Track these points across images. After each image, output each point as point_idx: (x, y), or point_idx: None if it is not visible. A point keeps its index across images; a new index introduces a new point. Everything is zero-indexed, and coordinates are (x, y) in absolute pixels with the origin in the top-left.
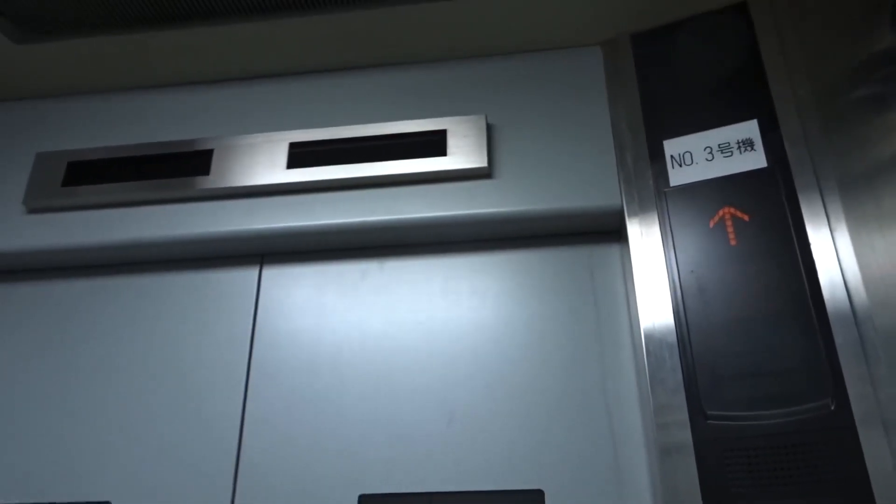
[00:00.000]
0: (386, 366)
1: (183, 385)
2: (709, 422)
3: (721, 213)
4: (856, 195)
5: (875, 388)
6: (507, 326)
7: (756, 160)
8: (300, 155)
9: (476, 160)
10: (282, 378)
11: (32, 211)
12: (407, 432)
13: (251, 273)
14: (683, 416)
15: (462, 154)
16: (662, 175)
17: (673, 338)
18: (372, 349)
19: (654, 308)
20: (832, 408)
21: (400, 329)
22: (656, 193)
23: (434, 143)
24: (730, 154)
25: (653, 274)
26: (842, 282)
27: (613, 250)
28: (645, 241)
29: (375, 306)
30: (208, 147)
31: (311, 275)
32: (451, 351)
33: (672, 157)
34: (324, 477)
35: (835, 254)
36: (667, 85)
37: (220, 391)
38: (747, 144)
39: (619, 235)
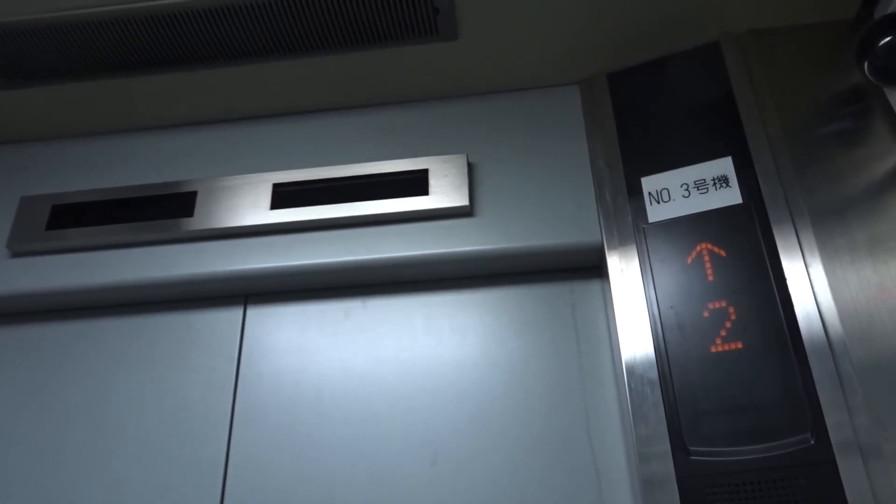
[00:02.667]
0: (368, 404)
1: (167, 427)
2: (691, 457)
3: (698, 248)
4: (828, 229)
5: (852, 420)
6: (490, 364)
7: (731, 196)
8: (283, 195)
9: (457, 199)
10: (266, 418)
11: (16, 255)
12: (390, 473)
13: (235, 314)
14: (666, 450)
15: (443, 193)
16: (641, 211)
17: (654, 373)
18: (355, 388)
19: (635, 343)
20: (812, 442)
21: (382, 368)
22: (635, 229)
23: (416, 183)
24: (706, 190)
25: (633, 309)
26: (818, 315)
27: (594, 286)
28: (625, 276)
29: (358, 345)
30: (192, 189)
31: (294, 314)
32: (434, 389)
33: (650, 193)
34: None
35: (810, 287)
36: (643, 122)
37: (204, 432)
38: (722, 181)
39: (599, 271)
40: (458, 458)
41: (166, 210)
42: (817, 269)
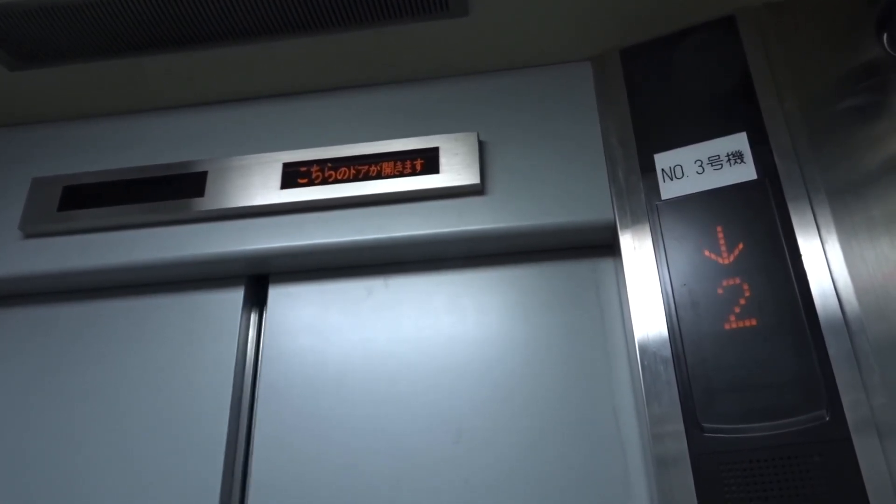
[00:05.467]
0: (391, 383)
1: (174, 406)
2: (705, 434)
3: (712, 225)
4: (845, 205)
5: (869, 398)
6: (510, 341)
7: (746, 172)
8: (294, 175)
9: (468, 177)
10: (289, 397)
11: (29, 236)
12: (414, 450)
13: (236, 295)
14: (679, 428)
15: (454, 171)
16: (654, 189)
17: (667, 351)
18: (377, 367)
19: (649, 322)
20: (827, 419)
21: (404, 346)
22: (648, 207)
23: (427, 161)
24: (720, 167)
25: (646, 287)
26: (833, 292)
27: (607, 264)
28: (638, 254)
29: (380, 324)
30: (202, 169)
31: (316, 293)
32: (455, 367)
33: (663, 170)
34: (333, 497)
35: (826, 264)
36: (656, 99)
37: (207, 411)
38: (737, 157)
39: (612, 249)
40: (481, 436)
41: (177, 190)
42: (833, 246)
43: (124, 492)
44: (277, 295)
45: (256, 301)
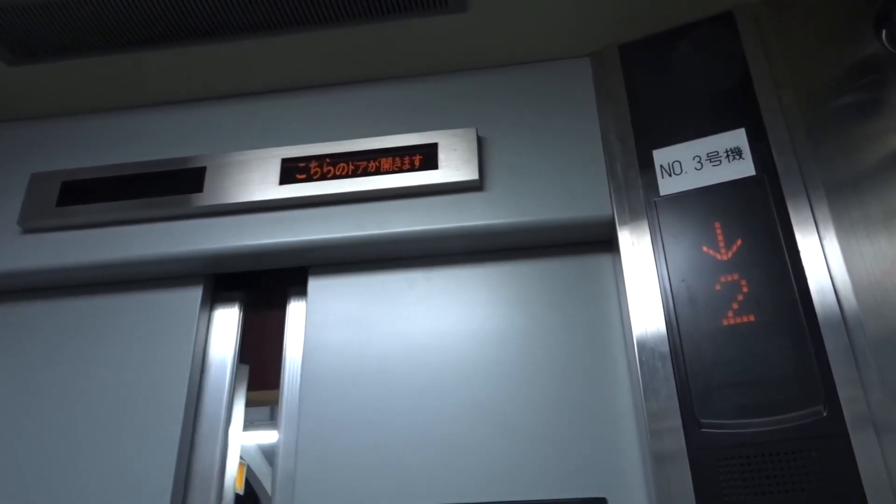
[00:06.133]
0: (432, 375)
1: (129, 401)
2: (702, 430)
3: (711, 221)
4: (843, 202)
5: (866, 394)
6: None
7: (744, 168)
8: (293, 171)
9: (467, 173)
10: (331, 389)
11: (27, 231)
12: (461, 442)
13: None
14: (677, 423)
15: (453, 167)
16: (652, 185)
17: (665, 347)
18: (418, 359)
19: (647, 318)
20: (824, 414)
21: (444, 338)
22: (646, 203)
23: (425, 157)
24: (718, 163)
25: (644, 283)
26: (831, 288)
27: (605, 260)
28: (636, 250)
29: (419, 316)
30: (201, 164)
31: (354, 285)
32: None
33: (661, 166)
34: (380, 490)
35: (824, 261)
36: (655, 94)
37: (162, 405)
38: (735, 153)
39: (610, 245)
40: (520, 429)
41: (176, 186)
42: (831, 242)
43: (78, 485)
44: (317, 287)
45: (219, 300)
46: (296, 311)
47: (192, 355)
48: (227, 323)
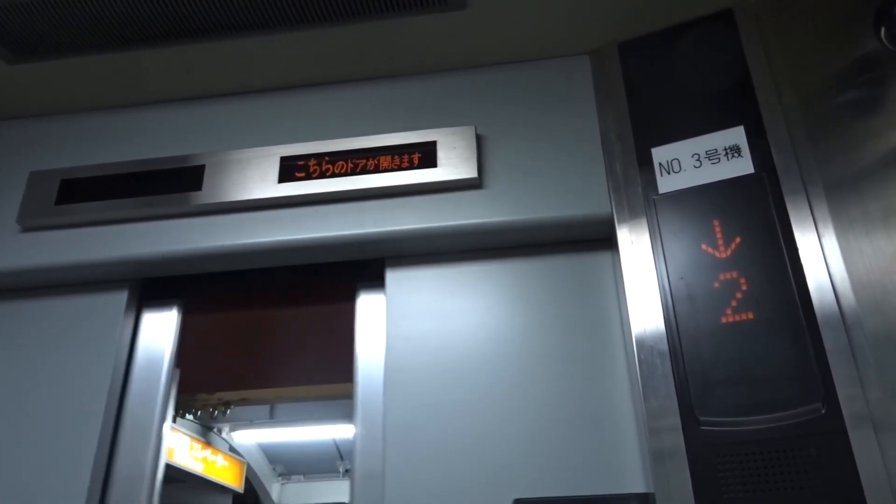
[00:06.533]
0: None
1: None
2: (701, 428)
3: (709, 219)
4: (842, 200)
5: (865, 392)
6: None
7: (743, 166)
8: (292, 168)
9: (466, 171)
10: (416, 381)
11: (26, 230)
12: (557, 435)
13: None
14: (676, 422)
15: (452, 165)
16: (651, 183)
17: (664, 345)
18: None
19: (646, 315)
20: (823, 412)
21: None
22: (645, 201)
23: (424, 155)
24: (717, 161)
25: (643, 281)
26: (830, 286)
27: (604, 258)
28: (635, 248)
29: (498, 307)
30: (200, 163)
31: (433, 277)
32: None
33: (660, 164)
34: (476, 481)
35: (823, 258)
36: (654, 92)
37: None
38: (734, 151)
39: (609, 243)
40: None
41: (174, 184)
42: (830, 240)
43: None
44: (395, 279)
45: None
46: (370, 303)
47: (115, 360)
48: (160, 326)
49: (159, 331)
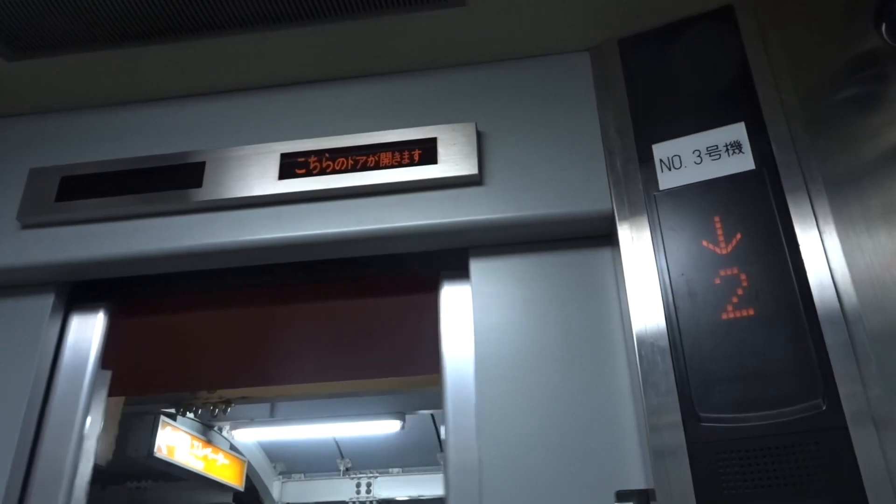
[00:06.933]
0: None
1: None
2: (702, 424)
3: (710, 215)
4: (843, 196)
5: (866, 388)
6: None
7: (744, 162)
8: (292, 165)
9: (466, 167)
10: (506, 373)
11: (27, 226)
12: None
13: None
14: (677, 419)
15: (452, 162)
16: (652, 179)
17: (665, 341)
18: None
19: (646, 312)
20: (823, 408)
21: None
22: (646, 197)
23: (424, 152)
24: (718, 157)
25: (644, 278)
26: (831, 283)
27: (605, 255)
28: (636, 244)
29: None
30: (200, 160)
31: (517, 266)
32: None
33: (661, 160)
34: (576, 474)
35: (824, 255)
36: (654, 89)
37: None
38: (735, 147)
39: (610, 240)
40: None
41: (175, 181)
42: (831, 236)
43: None
44: (478, 269)
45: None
46: (452, 294)
47: (38, 364)
48: (87, 329)
49: (88, 332)
